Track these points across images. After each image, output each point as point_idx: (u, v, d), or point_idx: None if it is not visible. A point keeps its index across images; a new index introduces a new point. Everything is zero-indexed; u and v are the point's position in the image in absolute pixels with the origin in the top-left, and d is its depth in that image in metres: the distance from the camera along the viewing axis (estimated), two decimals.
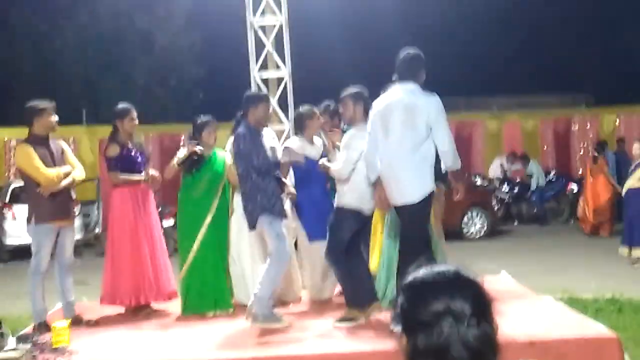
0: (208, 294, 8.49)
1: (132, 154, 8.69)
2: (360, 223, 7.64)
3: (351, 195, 7.57)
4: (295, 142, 8.75)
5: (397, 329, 2.13)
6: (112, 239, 8.74)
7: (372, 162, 7.20)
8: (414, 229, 7.03)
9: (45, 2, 29.58)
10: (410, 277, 2.15)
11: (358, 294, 7.60)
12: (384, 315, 7.41)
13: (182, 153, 8.62)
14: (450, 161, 7.02)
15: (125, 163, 8.63)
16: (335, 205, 7.79)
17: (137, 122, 8.80)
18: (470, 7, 31.91)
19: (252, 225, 7.58)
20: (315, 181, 8.72)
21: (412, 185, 6.93)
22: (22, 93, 22.30)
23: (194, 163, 8.57)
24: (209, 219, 8.48)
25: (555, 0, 32.45)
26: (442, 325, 2.01)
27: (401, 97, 7.00)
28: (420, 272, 2.14)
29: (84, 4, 30.00)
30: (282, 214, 7.58)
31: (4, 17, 29.79)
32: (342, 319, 7.54)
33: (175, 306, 8.71)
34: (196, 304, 8.50)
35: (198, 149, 8.54)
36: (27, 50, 30.45)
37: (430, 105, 6.96)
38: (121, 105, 8.87)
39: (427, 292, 2.07)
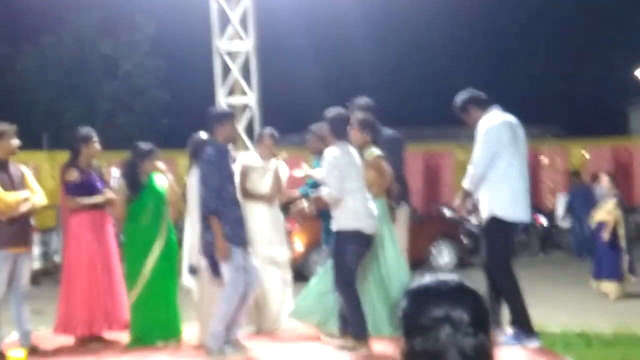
0: (158, 322, 8.32)
1: (91, 178, 8.49)
2: (364, 245, 7.44)
3: (347, 216, 7.39)
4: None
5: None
6: (68, 266, 8.57)
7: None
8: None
9: (8, 25, 29.26)
10: (415, 283, 2.27)
11: (363, 325, 7.47)
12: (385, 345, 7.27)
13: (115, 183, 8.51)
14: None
15: (84, 188, 8.43)
16: (333, 231, 7.61)
17: (98, 147, 8.65)
18: (439, 39, 32.10)
19: (207, 254, 7.37)
20: None
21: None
22: None
23: (132, 190, 8.37)
24: (159, 244, 8.29)
25: (525, 33, 32.78)
26: (440, 331, 2.12)
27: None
28: (426, 279, 2.26)
29: (47, 27, 29.68)
30: (244, 243, 7.38)
31: None
32: (344, 347, 7.44)
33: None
34: (146, 334, 8.30)
35: (118, 173, 8.47)
36: None
37: None
38: (85, 130, 8.74)
39: (429, 299, 2.18)
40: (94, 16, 29.91)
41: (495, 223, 7.42)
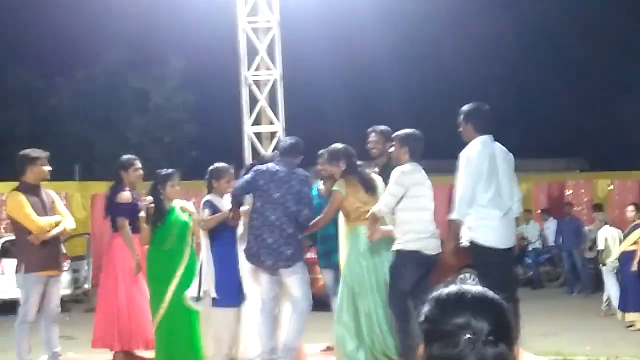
0: (181, 346, 8.41)
1: (137, 205, 8.65)
2: (423, 266, 7.48)
3: (408, 236, 7.49)
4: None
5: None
6: (113, 286, 8.59)
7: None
8: None
9: (42, 59, 29.79)
10: (437, 291, 2.25)
11: (413, 348, 7.43)
12: None
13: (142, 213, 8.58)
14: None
15: (134, 211, 8.55)
16: (395, 249, 7.65)
17: (141, 172, 8.80)
18: (465, 71, 32.15)
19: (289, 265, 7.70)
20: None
21: None
22: (16, 149, 22.26)
23: (157, 216, 8.50)
24: (182, 269, 8.40)
25: (550, 65, 32.75)
26: (460, 337, 2.11)
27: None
28: (449, 288, 2.25)
29: (81, 62, 30.20)
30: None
31: (0, 72, 30.00)
32: None
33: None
34: (169, 358, 8.37)
35: (148, 199, 8.49)
36: (22, 106, 30.60)
37: None
38: (125, 156, 8.91)
39: (452, 305, 2.18)
40: (125, 51, 30.38)
41: (475, 248, 7.41)
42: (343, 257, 8.33)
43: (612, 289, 13.89)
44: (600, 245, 14.39)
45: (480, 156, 7.36)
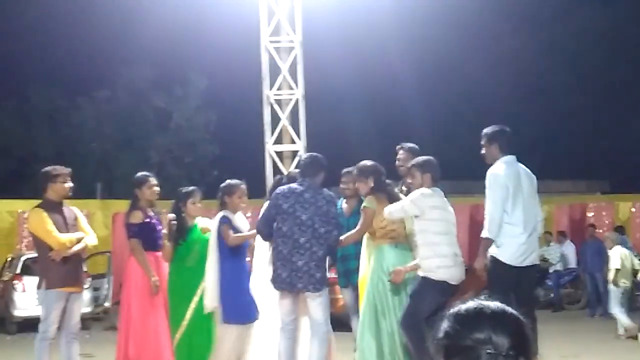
0: None
1: (153, 221, 8.66)
2: (446, 295, 7.44)
3: (433, 262, 7.49)
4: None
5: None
6: (127, 306, 8.61)
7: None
8: None
9: (64, 78, 30.04)
10: (455, 308, 2.29)
11: None
12: None
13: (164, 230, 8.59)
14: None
15: (146, 231, 8.56)
16: (421, 275, 7.64)
17: (157, 189, 8.79)
18: (489, 92, 32.10)
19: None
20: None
21: None
22: (38, 166, 22.42)
23: (179, 233, 8.52)
24: (203, 286, 8.40)
25: (573, 87, 32.64)
26: (480, 352, 2.14)
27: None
28: (467, 304, 2.28)
29: (103, 82, 30.45)
30: None
31: (22, 90, 30.25)
32: None
33: None
34: None
35: (170, 216, 8.48)
36: (44, 124, 30.87)
37: None
38: (140, 174, 8.92)
39: (472, 321, 2.21)
40: (147, 71, 30.61)
41: (493, 262, 7.54)
42: (365, 275, 8.32)
43: (616, 308, 13.94)
44: (617, 264, 14.33)
45: (507, 175, 7.48)
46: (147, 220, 8.62)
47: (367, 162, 8.25)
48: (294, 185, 7.97)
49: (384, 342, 7.99)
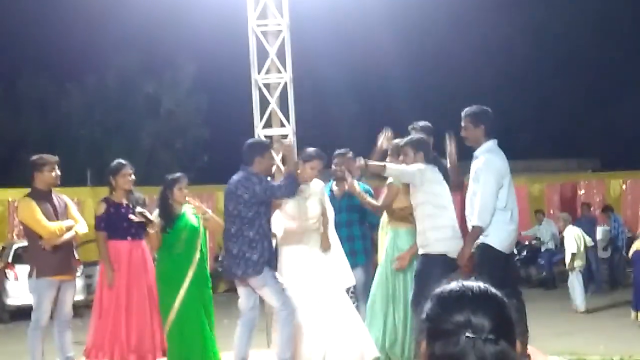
0: (194, 352, 8.37)
1: (122, 211, 8.48)
2: (449, 269, 7.38)
3: (433, 235, 7.49)
4: None
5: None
6: (100, 296, 8.56)
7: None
8: None
9: (53, 65, 29.95)
10: (440, 288, 2.23)
11: None
12: None
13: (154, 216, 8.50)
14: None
15: (113, 220, 8.43)
16: (421, 253, 7.64)
17: (132, 178, 8.63)
18: (476, 72, 32.11)
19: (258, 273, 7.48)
20: None
21: None
22: (28, 154, 22.36)
23: (166, 221, 8.48)
24: (190, 274, 8.37)
25: (562, 65, 32.67)
26: (460, 335, 2.06)
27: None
28: (452, 284, 2.21)
29: (92, 67, 30.35)
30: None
31: (11, 78, 30.14)
32: None
33: None
34: None
35: (138, 211, 8.35)
36: (33, 111, 30.78)
37: None
38: (116, 161, 8.71)
39: (452, 303, 2.14)
40: (136, 56, 30.51)
41: (484, 249, 7.40)
42: (381, 256, 8.38)
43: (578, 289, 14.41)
44: (573, 248, 14.48)
45: (502, 162, 7.36)
46: (112, 210, 8.46)
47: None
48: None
49: (387, 330, 8.05)
